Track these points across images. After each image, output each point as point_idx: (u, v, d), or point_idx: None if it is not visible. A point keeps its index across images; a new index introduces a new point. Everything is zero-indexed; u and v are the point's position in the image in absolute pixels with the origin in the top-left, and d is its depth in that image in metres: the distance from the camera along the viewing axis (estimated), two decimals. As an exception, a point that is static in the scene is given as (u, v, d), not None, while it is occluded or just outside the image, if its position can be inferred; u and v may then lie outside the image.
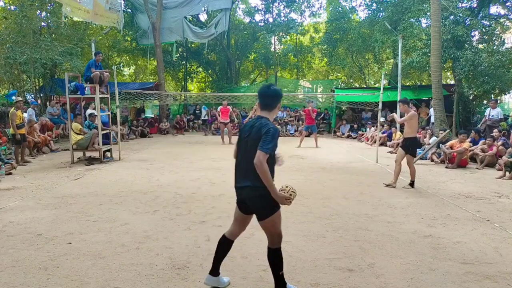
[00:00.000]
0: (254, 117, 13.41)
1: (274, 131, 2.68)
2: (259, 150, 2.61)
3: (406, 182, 6.85)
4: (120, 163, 9.14)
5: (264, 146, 2.61)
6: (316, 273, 3.30)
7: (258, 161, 2.59)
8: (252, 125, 2.81)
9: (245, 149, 2.83)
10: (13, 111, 8.61)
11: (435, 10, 11.99)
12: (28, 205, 5.31)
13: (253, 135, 2.75)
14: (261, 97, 2.90)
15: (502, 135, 9.61)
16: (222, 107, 13.47)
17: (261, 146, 2.61)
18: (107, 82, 9.48)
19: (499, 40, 14.62)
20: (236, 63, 23.58)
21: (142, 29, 19.84)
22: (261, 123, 2.75)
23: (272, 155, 2.77)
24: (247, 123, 2.94)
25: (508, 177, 7.49)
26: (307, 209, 5.26)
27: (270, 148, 2.62)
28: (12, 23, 12.71)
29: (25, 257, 3.55)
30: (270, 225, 2.80)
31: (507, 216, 5.04)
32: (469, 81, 13.90)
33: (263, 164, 2.59)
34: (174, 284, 3.08)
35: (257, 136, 2.70)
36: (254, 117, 2.99)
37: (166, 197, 5.80)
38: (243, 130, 2.93)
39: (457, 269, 3.39)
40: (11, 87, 14.52)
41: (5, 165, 7.47)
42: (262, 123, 2.74)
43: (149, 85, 18.40)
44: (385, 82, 12.67)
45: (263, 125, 2.72)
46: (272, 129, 2.68)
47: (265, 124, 2.73)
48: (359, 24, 21.06)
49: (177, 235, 4.17)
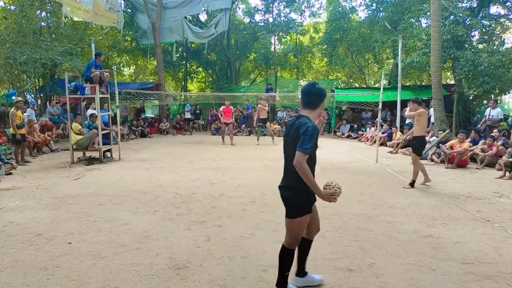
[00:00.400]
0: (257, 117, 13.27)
1: (313, 130, 2.59)
2: (298, 150, 2.55)
3: (406, 182, 6.85)
4: (120, 163, 9.14)
5: (303, 146, 2.54)
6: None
7: (298, 162, 2.54)
8: (292, 124, 2.75)
9: (285, 149, 2.80)
10: (13, 111, 8.62)
11: (435, 10, 11.99)
12: (28, 205, 5.31)
13: (291, 135, 2.69)
14: (304, 95, 2.81)
15: (502, 135, 9.60)
16: (225, 107, 13.34)
17: (300, 146, 2.55)
18: (107, 82, 9.48)
19: (499, 40, 14.62)
20: (236, 63, 23.57)
21: (142, 29, 19.84)
22: (300, 122, 2.67)
23: (313, 155, 2.70)
24: (289, 122, 2.86)
25: (508, 177, 7.49)
26: (307, 209, 5.26)
27: (308, 148, 2.54)
28: (12, 23, 12.71)
29: (25, 257, 3.55)
30: (292, 227, 2.78)
31: (507, 216, 5.04)
32: (469, 81, 13.90)
33: (302, 165, 2.53)
34: (174, 284, 3.08)
35: (295, 135, 2.64)
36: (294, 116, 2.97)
37: (166, 197, 5.80)
38: (286, 129, 2.88)
39: (457, 269, 3.39)
40: (11, 87, 14.51)
41: (5, 165, 7.47)
42: (301, 122, 2.65)
43: (149, 85, 18.39)
44: (385, 82, 12.66)
45: (302, 124, 2.64)
46: (311, 128, 2.58)
47: (303, 123, 2.64)
48: (359, 24, 21.05)
49: (177, 235, 4.17)
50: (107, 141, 9.71)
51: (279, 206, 5.36)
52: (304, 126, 2.61)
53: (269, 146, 12.85)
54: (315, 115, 2.80)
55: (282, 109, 18.97)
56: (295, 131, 2.66)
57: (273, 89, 20.58)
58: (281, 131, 16.79)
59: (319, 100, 2.78)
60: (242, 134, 16.99)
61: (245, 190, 6.32)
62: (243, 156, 10.29)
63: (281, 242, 3.96)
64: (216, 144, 13.19)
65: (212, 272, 3.29)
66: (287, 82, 23.63)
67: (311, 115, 2.76)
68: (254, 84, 24.55)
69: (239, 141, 13.75)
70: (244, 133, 17.23)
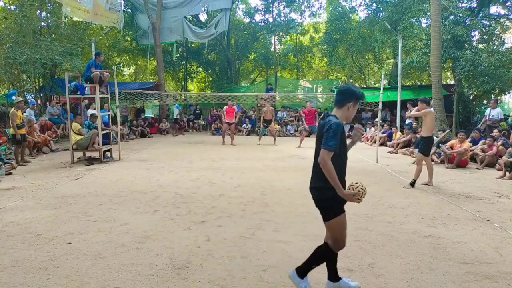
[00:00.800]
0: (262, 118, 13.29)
1: (336, 126, 2.56)
2: (322, 148, 2.54)
3: (407, 182, 6.85)
4: (120, 163, 9.14)
5: (327, 143, 2.53)
6: (316, 273, 3.29)
7: (322, 159, 2.53)
8: (322, 124, 2.74)
9: (315, 149, 2.77)
10: (13, 111, 8.62)
11: (435, 10, 12.00)
12: (28, 205, 5.31)
13: (318, 134, 2.70)
14: (335, 95, 2.83)
15: (502, 135, 9.61)
16: (228, 107, 13.28)
17: (324, 143, 2.55)
18: (107, 82, 9.48)
19: (499, 40, 14.64)
20: (236, 63, 23.57)
21: (142, 29, 19.84)
22: (325, 121, 2.66)
23: (339, 153, 2.65)
24: (321, 123, 2.85)
25: (508, 177, 7.49)
26: (307, 209, 5.25)
27: (332, 145, 2.52)
28: (12, 23, 12.71)
29: (25, 257, 3.55)
30: (332, 229, 2.75)
31: (507, 216, 5.04)
32: (469, 81, 13.91)
33: (326, 163, 2.52)
34: (174, 284, 3.08)
35: (321, 134, 2.64)
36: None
37: (166, 197, 5.80)
38: (318, 130, 2.87)
39: (457, 269, 3.39)
40: (11, 87, 14.51)
41: (5, 165, 7.47)
42: (326, 121, 2.65)
43: (149, 85, 18.40)
44: (385, 82, 12.66)
45: (327, 122, 2.63)
46: (334, 125, 2.56)
47: (328, 121, 2.63)
48: (359, 24, 21.06)
49: (177, 235, 4.17)
50: (107, 141, 9.71)
51: (279, 206, 5.38)
52: (328, 123, 2.60)
53: (269, 146, 12.86)
54: (342, 114, 2.76)
55: (282, 109, 18.97)
56: (320, 130, 2.67)
57: (273, 89, 20.59)
58: (281, 131, 16.82)
59: (345, 98, 2.74)
60: (242, 134, 16.99)
61: (245, 190, 6.32)
62: (243, 156, 10.29)
63: (281, 242, 3.99)
64: (216, 144, 13.19)
65: (212, 272, 3.29)
66: (287, 82, 23.63)
67: (338, 114, 2.75)
68: (254, 84, 24.55)
69: (239, 141, 13.75)
70: (244, 133, 17.24)
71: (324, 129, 2.61)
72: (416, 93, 16.39)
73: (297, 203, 5.57)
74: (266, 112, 13.54)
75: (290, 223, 4.62)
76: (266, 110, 13.55)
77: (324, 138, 2.56)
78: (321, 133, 2.66)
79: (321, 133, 2.67)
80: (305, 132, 13.12)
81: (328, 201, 2.68)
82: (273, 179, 7.26)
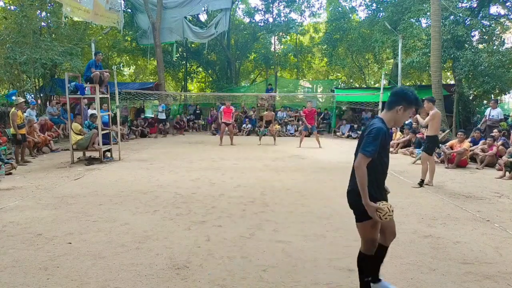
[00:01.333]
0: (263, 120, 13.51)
1: (377, 131, 2.45)
2: (360, 152, 2.48)
3: (407, 182, 6.85)
4: (120, 163, 9.14)
5: (364, 148, 2.45)
6: (316, 273, 3.29)
7: (357, 163, 2.47)
8: (365, 127, 2.69)
9: (355, 152, 2.71)
10: (14, 111, 8.61)
11: (435, 10, 12.00)
12: (28, 205, 5.31)
13: (361, 137, 2.63)
14: (389, 96, 2.73)
15: (502, 135, 9.61)
16: (225, 107, 13.31)
17: (362, 147, 2.47)
18: (107, 82, 9.49)
19: (499, 40, 14.64)
20: (236, 63, 23.58)
21: (142, 29, 19.84)
22: (369, 123, 2.59)
23: (378, 159, 2.54)
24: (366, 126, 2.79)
25: (508, 177, 7.49)
26: (307, 209, 5.26)
27: (370, 150, 2.43)
28: (12, 23, 12.71)
29: (25, 257, 3.55)
30: (363, 231, 2.70)
31: (507, 216, 5.04)
32: (469, 81, 13.91)
33: (361, 167, 2.45)
34: (174, 284, 3.08)
35: (362, 137, 2.58)
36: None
37: (166, 197, 5.80)
38: None
39: (457, 269, 3.39)
40: (11, 87, 14.51)
41: (5, 165, 7.47)
42: (369, 123, 2.56)
43: (149, 85, 18.39)
44: (385, 82, 12.67)
45: (369, 125, 2.54)
46: (375, 130, 2.45)
47: (371, 124, 2.53)
48: (359, 24, 21.06)
49: (177, 235, 4.16)
50: (107, 141, 9.71)
51: (279, 206, 5.38)
52: (370, 126, 2.51)
53: (269, 146, 12.86)
54: (390, 117, 2.63)
55: (282, 109, 18.98)
56: (362, 133, 2.61)
57: (273, 89, 20.59)
58: (281, 131, 16.83)
59: (395, 101, 2.61)
60: (242, 134, 16.99)
61: (245, 190, 6.32)
62: (243, 156, 10.29)
63: (281, 242, 3.99)
64: (216, 144, 13.19)
65: (212, 272, 3.29)
66: (287, 82, 23.63)
67: (385, 117, 2.63)
68: (254, 84, 24.55)
69: (239, 141, 13.75)
70: (244, 133, 17.25)
71: (366, 132, 2.52)
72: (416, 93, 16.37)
73: (297, 203, 5.57)
74: (267, 116, 13.91)
75: (290, 223, 4.62)
76: (267, 115, 13.93)
77: (363, 142, 2.48)
78: (362, 134, 2.59)
79: (362, 134, 2.60)
80: (305, 132, 13.13)
81: (362, 205, 2.57)
82: (273, 179, 7.26)
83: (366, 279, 2.76)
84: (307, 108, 13.13)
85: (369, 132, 2.48)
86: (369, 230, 2.68)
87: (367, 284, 2.77)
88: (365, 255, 2.76)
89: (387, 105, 2.67)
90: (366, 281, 2.76)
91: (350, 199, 2.71)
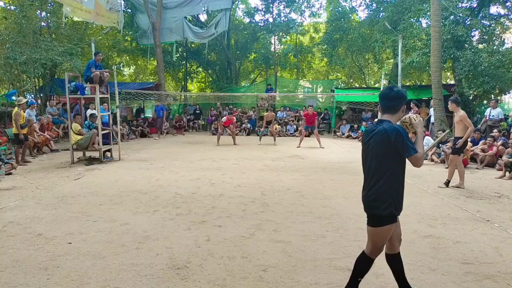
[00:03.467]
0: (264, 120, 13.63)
1: (402, 131, 2.52)
2: (409, 157, 2.51)
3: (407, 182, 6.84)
4: (120, 163, 9.14)
5: (409, 151, 2.49)
6: (316, 273, 3.29)
7: (417, 164, 2.53)
8: (371, 131, 2.65)
9: (365, 158, 2.71)
10: (17, 111, 8.58)
11: (435, 10, 11.99)
12: (28, 205, 5.31)
13: (373, 142, 2.60)
14: (382, 100, 2.71)
15: (502, 135, 9.61)
16: (228, 116, 13.75)
17: (407, 152, 2.49)
18: (107, 82, 9.49)
19: (499, 40, 14.65)
20: (236, 63, 23.58)
21: (142, 29, 19.84)
22: (384, 127, 2.55)
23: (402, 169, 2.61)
24: (367, 129, 2.75)
25: (508, 177, 7.49)
26: (307, 209, 5.26)
27: (413, 148, 2.50)
28: (12, 23, 12.71)
29: (25, 257, 3.55)
30: (374, 235, 2.70)
31: (507, 216, 5.04)
32: (469, 81, 13.90)
33: (419, 162, 2.53)
34: (174, 284, 3.08)
35: (380, 140, 2.55)
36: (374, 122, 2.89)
37: (166, 197, 5.80)
38: (364, 136, 2.76)
39: (457, 269, 3.39)
40: (11, 87, 14.50)
41: (5, 165, 7.47)
42: (386, 128, 2.54)
43: (149, 85, 18.39)
44: (385, 82, 12.68)
45: (388, 129, 2.52)
46: (401, 131, 2.51)
47: (390, 128, 2.52)
48: (359, 24, 21.06)
49: (177, 235, 4.16)
50: (107, 141, 9.71)
51: (279, 206, 5.38)
52: (393, 131, 2.50)
53: (269, 146, 12.86)
54: (396, 118, 2.68)
55: (282, 109, 18.98)
56: (379, 137, 2.56)
57: (273, 89, 20.59)
58: (281, 131, 16.82)
59: (399, 103, 2.65)
60: (242, 134, 16.99)
61: (245, 190, 6.32)
62: (243, 156, 10.29)
63: (281, 242, 3.99)
64: (216, 144, 13.19)
65: (212, 272, 3.29)
66: (287, 82, 23.63)
67: (392, 119, 2.65)
68: (254, 84, 24.54)
69: (239, 141, 13.75)
70: (244, 132, 17.25)
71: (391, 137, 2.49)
72: (416, 93, 16.40)
73: (297, 203, 5.57)
74: (267, 116, 13.97)
75: (290, 223, 4.62)
76: (267, 115, 14.01)
77: (403, 148, 2.49)
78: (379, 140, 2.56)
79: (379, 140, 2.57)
80: (306, 132, 13.13)
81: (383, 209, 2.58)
82: (273, 179, 7.26)
83: (360, 279, 2.80)
84: (307, 111, 13.11)
85: (398, 137, 2.49)
86: (380, 236, 2.67)
87: (356, 283, 2.81)
88: (367, 257, 2.76)
89: (390, 109, 2.67)
90: (358, 280, 2.80)
91: (366, 202, 2.69)
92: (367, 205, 2.68)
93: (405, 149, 2.49)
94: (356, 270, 2.79)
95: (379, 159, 2.56)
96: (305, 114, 13.19)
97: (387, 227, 2.62)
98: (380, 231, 2.64)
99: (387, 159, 2.55)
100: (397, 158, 2.55)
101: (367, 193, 2.67)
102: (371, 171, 2.62)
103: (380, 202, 2.57)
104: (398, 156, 2.55)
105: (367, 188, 2.67)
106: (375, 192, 2.59)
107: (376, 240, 2.69)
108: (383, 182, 2.55)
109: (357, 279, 2.79)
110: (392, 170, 2.55)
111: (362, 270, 2.79)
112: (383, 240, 2.70)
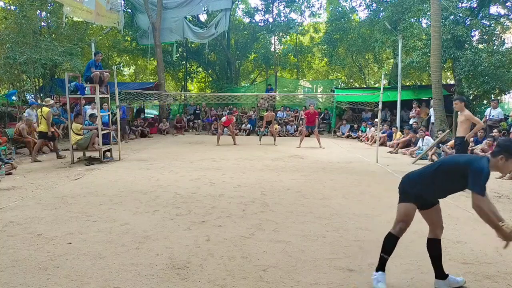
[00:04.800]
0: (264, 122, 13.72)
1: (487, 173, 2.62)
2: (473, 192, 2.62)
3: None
4: (120, 163, 9.14)
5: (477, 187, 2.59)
6: (316, 273, 3.29)
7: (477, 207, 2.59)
8: (467, 157, 2.86)
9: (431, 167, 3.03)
10: (50, 110, 9.51)
11: (435, 10, 11.99)
12: (28, 205, 5.31)
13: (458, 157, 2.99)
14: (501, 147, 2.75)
15: (502, 135, 9.60)
16: (227, 116, 13.72)
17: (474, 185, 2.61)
18: (107, 82, 9.49)
19: (499, 40, 14.63)
20: (236, 63, 23.57)
21: (142, 29, 19.84)
22: (476, 158, 2.79)
23: None
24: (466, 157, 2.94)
25: (508, 177, 7.48)
26: (307, 209, 5.26)
27: (483, 189, 2.58)
28: (12, 23, 12.70)
29: (25, 257, 3.55)
30: (399, 211, 3.07)
31: (507, 216, 5.04)
32: (469, 81, 13.90)
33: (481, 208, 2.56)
34: (174, 284, 3.08)
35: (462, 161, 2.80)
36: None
37: (166, 197, 5.80)
38: None
39: (457, 269, 3.39)
40: (11, 87, 14.51)
41: (5, 165, 7.48)
42: (477, 158, 2.78)
43: (149, 85, 18.38)
44: (385, 82, 12.66)
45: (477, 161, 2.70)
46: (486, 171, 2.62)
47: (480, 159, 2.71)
48: (359, 24, 21.05)
49: (177, 235, 4.16)
50: (107, 141, 9.71)
51: (279, 206, 5.38)
52: (479, 164, 2.63)
53: (269, 146, 12.86)
54: (493, 163, 2.71)
55: (282, 109, 18.99)
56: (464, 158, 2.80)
57: (273, 89, 20.60)
58: (281, 131, 16.83)
59: (497, 151, 2.71)
60: (242, 134, 17.00)
61: (245, 190, 6.32)
62: (243, 156, 10.29)
63: (281, 242, 3.99)
64: (216, 144, 13.19)
65: (212, 272, 3.29)
66: (287, 82, 23.62)
67: (491, 161, 2.71)
68: (254, 84, 24.55)
69: (239, 141, 13.75)
70: (244, 133, 17.26)
71: (465, 158, 2.74)
72: (416, 93, 16.39)
73: (297, 203, 5.57)
74: (267, 116, 13.98)
75: (290, 223, 4.62)
76: (267, 115, 14.03)
77: (474, 178, 2.58)
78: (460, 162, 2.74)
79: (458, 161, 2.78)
80: (306, 131, 13.13)
81: (407, 191, 3.01)
82: (273, 179, 7.26)
83: (386, 256, 3.05)
84: (308, 110, 13.11)
85: (480, 170, 2.57)
86: (400, 212, 3.04)
87: (382, 260, 3.05)
88: (389, 233, 3.06)
89: (494, 151, 2.76)
90: (384, 257, 3.05)
91: (403, 184, 3.10)
92: (400, 186, 3.16)
93: (475, 183, 2.57)
94: (383, 247, 3.06)
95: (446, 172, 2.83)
96: (306, 113, 13.18)
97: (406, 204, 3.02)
98: (401, 207, 3.07)
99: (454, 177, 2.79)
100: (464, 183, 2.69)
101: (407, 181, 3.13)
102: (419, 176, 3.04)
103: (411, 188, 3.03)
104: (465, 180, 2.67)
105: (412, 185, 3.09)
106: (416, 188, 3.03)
107: (400, 215, 3.06)
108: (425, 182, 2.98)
109: (383, 256, 3.03)
110: None
111: (387, 248, 3.05)
112: (402, 217, 3.04)
